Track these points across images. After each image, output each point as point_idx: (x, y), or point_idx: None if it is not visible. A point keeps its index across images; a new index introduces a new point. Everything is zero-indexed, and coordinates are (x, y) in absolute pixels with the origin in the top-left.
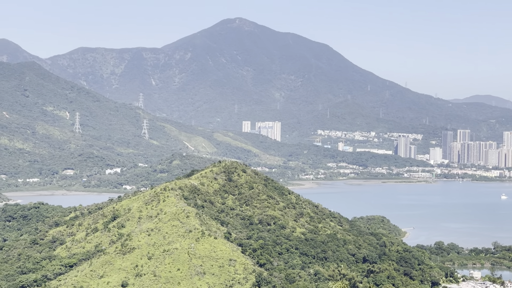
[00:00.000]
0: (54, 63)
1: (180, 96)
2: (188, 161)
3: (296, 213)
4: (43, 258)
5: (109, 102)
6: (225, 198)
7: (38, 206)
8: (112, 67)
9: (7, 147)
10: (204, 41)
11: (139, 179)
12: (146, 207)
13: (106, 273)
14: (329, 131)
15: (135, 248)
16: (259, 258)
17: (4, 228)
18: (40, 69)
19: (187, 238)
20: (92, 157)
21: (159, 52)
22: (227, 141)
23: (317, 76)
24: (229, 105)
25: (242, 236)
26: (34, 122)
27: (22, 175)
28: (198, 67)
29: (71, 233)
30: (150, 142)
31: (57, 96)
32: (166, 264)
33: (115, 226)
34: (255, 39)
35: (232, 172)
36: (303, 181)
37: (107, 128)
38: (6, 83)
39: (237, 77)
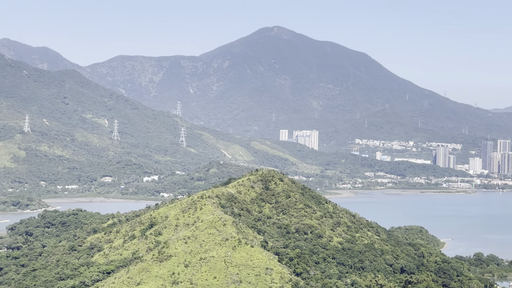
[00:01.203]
0: (94, 71)
1: (218, 104)
2: (225, 169)
3: (333, 222)
4: (81, 264)
5: (147, 110)
6: (262, 207)
7: (76, 212)
8: (151, 75)
9: (47, 154)
10: (242, 49)
11: (176, 187)
12: (183, 215)
13: (143, 280)
14: (367, 140)
15: (172, 255)
16: (296, 267)
17: (43, 234)
18: (79, 77)
19: (223, 246)
20: (130, 165)
21: (197, 60)
22: (265, 150)
23: (355, 85)
24: (266, 114)
25: (279, 245)
26: (74, 130)
27: (61, 182)
28: (236, 76)
29: (108, 240)
30: (187, 150)
31: (96, 104)
32: (203, 272)
33: (152, 233)
34: (293, 47)
35: (269, 180)
36: (340, 190)
37: (145, 136)
38: (47, 90)
39: (275, 85)
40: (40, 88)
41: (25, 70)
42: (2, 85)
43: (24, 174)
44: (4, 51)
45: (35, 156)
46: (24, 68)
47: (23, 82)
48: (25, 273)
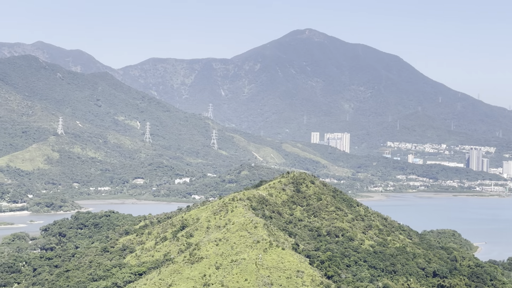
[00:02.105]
0: (126, 73)
1: (249, 107)
2: (257, 171)
3: (365, 225)
4: (113, 265)
5: (179, 112)
6: (293, 209)
7: (109, 214)
8: (183, 78)
9: (80, 156)
10: (273, 52)
11: (207, 189)
12: (214, 217)
13: (175, 282)
14: (398, 143)
15: (203, 257)
16: (327, 270)
17: (76, 235)
18: (112, 80)
19: (254, 248)
20: (161, 167)
21: (229, 63)
22: (296, 152)
23: (387, 87)
24: (298, 116)
25: (310, 247)
26: (106, 132)
27: (94, 184)
28: (268, 78)
29: (140, 241)
30: (219, 152)
31: (128, 106)
32: (234, 274)
33: (184, 235)
34: (324, 50)
35: (300, 183)
36: (372, 193)
37: (177, 138)
38: (80, 93)
39: (306, 88)
40: (73, 91)
41: (59, 73)
42: (37, 88)
43: (58, 176)
44: (38, 54)
45: (68, 158)
46: (58, 70)
47: (57, 85)
48: (59, 274)
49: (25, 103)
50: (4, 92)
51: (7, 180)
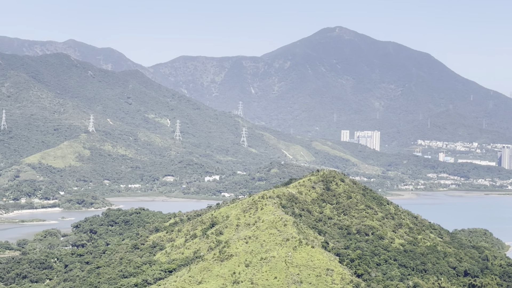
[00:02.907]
0: (156, 71)
1: (279, 105)
2: (286, 169)
3: (395, 223)
4: (143, 262)
5: (209, 110)
6: (323, 207)
7: (139, 211)
8: (213, 76)
9: (111, 153)
10: (303, 50)
11: (237, 187)
12: (244, 215)
13: (204, 279)
14: (429, 141)
15: (233, 255)
16: (357, 269)
17: (107, 232)
18: (142, 77)
19: (284, 246)
20: (191, 164)
21: (259, 61)
22: (326, 150)
23: (417, 85)
24: (328, 114)
25: (340, 245)
26: (136, 129)
27: (124, 181)
28: (297, 76)
29: (170, 238)
30: (248, 150)
31: (158, 104)
32: (263, 272)
33: (214, 233)
34: (355, 48)
35: (330, 181)
36: (402, 192)
37: (207, 136)
38: (111, 91)
39: (337, 86)
40: (104, 88)
41: (90, 71)
42: (68, 85)
43: (89, 173)
44: (70, 52)
45: (99, 155)
46: (89, 68)
47: (88, 83)
48: (90, 270)
49: (57, 101)
50: (36, 90)
51: (39, 177)
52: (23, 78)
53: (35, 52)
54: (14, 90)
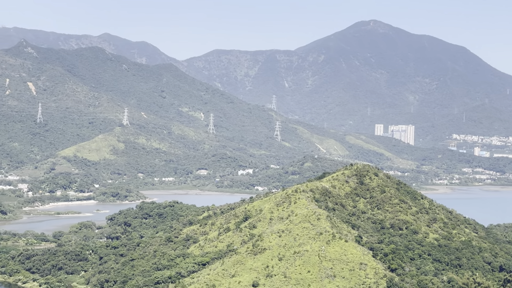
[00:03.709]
0: (190, 65)
1: (313, 99)
2: (320, 163)
3: (429, 218)
4: (177, 255)
5: (242, 104)
6: (356, 201)
7: (173, 204)
8: (246, 69)
9: (145, 146)
10: (337, 43)
11: (270, 181)
12: (277, 209)
13: (238, 272)
14: (464, 136)
15: (266, 249)
16: (391, 263)
17: (141, 225)
18: (176, 71)
19: (317, 240)
20: (225, 158)
21: (293, 55)
22: (359, 144)
23: (453, 79)
24: (361, 108)
25: (373, 240)
26: (170, 123)
27: (158, 174)
28: (331, 70)
29: (204, 232)
30: (282, 144)
31: (192, 98)
32: (297, 265)
33: (247, 226)
34: (389, 41)
35: (364, 175)
36: (436, 186)
37: (240, 130)
38: (145, 84)
39: (371, 79)
40: (138, 82)
41: (125, 64)
42: (103, 79)
43: (123, 166)
44: (104, 45)
45: (134, 148)
46: (124, 62)
47: (122, 76)
48: (124, 263)
49: (92, 94)
50: (72, 84)
51: (74, 170)
52: (59, 72)
53: (70, 46)
54: (50, 84)
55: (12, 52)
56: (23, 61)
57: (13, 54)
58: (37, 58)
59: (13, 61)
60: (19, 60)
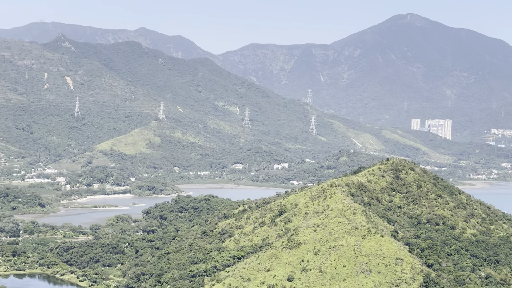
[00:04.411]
0: (226, 59)
1: (349, 93)
2: (355, 158)
3: (467, 213)
4: (212, 249)
5: (278, 98)
6: (392, 196)
7: (208, 198)
8: (282, 63)
9: (180, 140)
10: (374, 37)
11: (306, 175)
12: (312, 203)
13: (273, 266)
14: (503, 130)
15: (301, 243)
16: (427, 258)
17: (177, 218)
18: (212, 65)
19: (353, 235)
20: (260, 152)
21: (329, 49)
22: (395, 139)
23: (491, 73)
24: (398, 102)
25: (410, 235)
26: (206, 117)
27: (194, 168)
28: (367, 64)
29: (239, 226)
30: (317, 138)
31: (228, 92)
32: (332, 260)
33: (282, 220)
34: (426, 35)
35: (400, 170)
36: (474, 181)
37: (276, 124)
38: (181, 78)
39: (407, 73)
40: (174, 76)
41: (161, 59)
42: (139, 73)
43: (159, 160)
44: (141, 40)
45: (169, 142)
46: (160, 56)
47: (158, 70)
48: (160, 256)
49: (128, 89)
50: (108, 78)
51: (111, 164)
52: (96, 66)
53: (107, 40)
54: (87, 78)
55: (50, 47)
56: (61, 56)
57: (51, 48)
58: (75, 52)
59: (51, 56)
60: (57, 54)
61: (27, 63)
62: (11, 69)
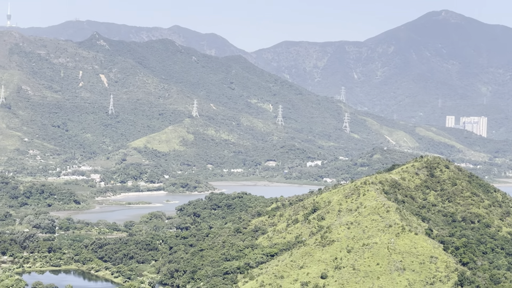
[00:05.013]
0: (259, 56)
1: (382, 90)
2: (389, 155)
3: (502, 211)
4: (245, 246)
5: (311, 95)
6: (426, 194)
7: (241, 195)
8: (315, 61)
9: (214, 138)
10: (408, 34)
11: (339, 172)
12: (346, 200)
13: (306, 264)
14: None
15: (335, 240)
16: (462, 257)
17: (210, 216)
18: (245, 63)
19: (387, 233)
20: (293, 149)
21: (362, 46)
22: (430, 136)
23: None
24: (432, 100)
25: (444, 233)
26: (239, 114)
27: (227, 166)
28: (401, 61)
29: (272, 223)
30: (351, 136)
31: (261, 89)
32: (365, 258)
33: (315, 218)
34: (461, 31)
35: (434, 167)
36: (510, 179)
37: (309, 121)
38: (214, 76)
39: (442, 70)
40: (207, 74)
41: (194, 56)
42: (173, 71)
43: (192, 157)
44: (174, 38)
45: (203, 140)
46: (193, 54)
47: (192, 68)
48: (193, 253)
49: (162, 86)
50: (142, 75)
51: (145, 161)
52: (130, 64)
53: (141, 38)
54: (121, 76)
55: (85, 45)
56: (95, 54)
57: (86, 46)
58: (109, 50)
59: (86, 54)
60: (92, 52)
61: (62, 61)
62: (47, 67)
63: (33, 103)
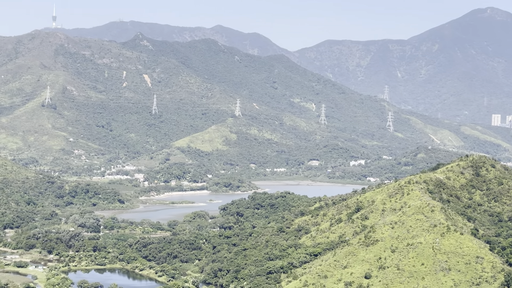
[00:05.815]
0: (302, 55)
1: (426, 89)
2: (434, 154)
3: None
4: (289, 246)
5: (354, 94)
6: (472, 193)
7: (284, 195)
8: (358, 59)
9: (257, 137)
10: (452, 32)
11: (383, 172)
12: (390, 200)
13: (350, 264)
14: None
15: (379, 240)
16: (509, 257)
17: (253, 215)
18: (288, 62)
19: (431, 232)
20: (336, 149)
21: (406, 44)
22: (475, 135)
23: None
24: (477, 98)
25: (490, 233)
26: (282, 114)
27: (270, 165)
28: (446, 59)
29: (315, 222)
30: (394, 135)
31: (304, 88)
32: (410, 258)
33: (359, 217)
34: (507, 29)
35: (480, 166)
36: None
37: (352, 120)
38: (257, 75)
39: (487, 68)
40: (250, 73)
41: (237, 56)
42: (216, 71)
43: (235, 157)
44: (217, 37)
45: (246, 139)
46: (236, 53)
47: (234, 68)
48: (237, 252)
49: (205, 86)
50: (185, 75)
51: (188, 160)
52: (173, 64)
53: (184, 38)
54: (165, 76)
55: (129, 45)
56: (139, 54)
57: (129, 47)
58: (152, 50)
59: (129, 54)
60: (135, 53)
61: (106, 62)
62: (91, 68)
63: (78, 104)
